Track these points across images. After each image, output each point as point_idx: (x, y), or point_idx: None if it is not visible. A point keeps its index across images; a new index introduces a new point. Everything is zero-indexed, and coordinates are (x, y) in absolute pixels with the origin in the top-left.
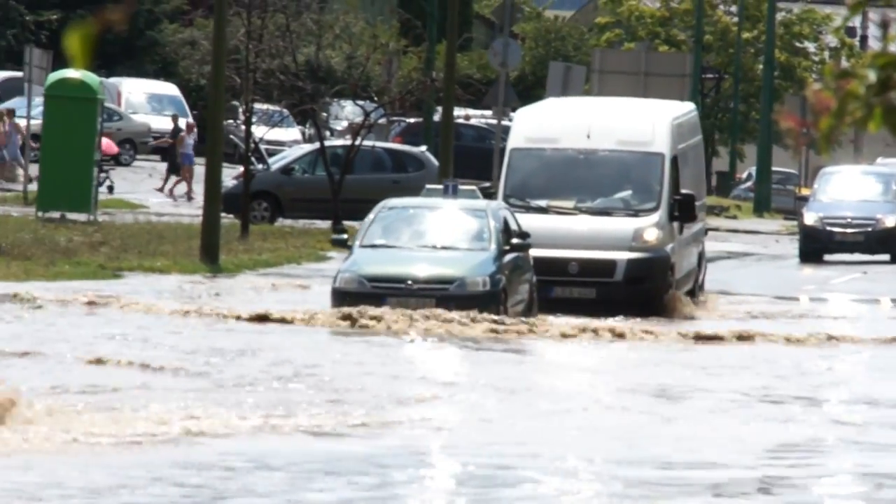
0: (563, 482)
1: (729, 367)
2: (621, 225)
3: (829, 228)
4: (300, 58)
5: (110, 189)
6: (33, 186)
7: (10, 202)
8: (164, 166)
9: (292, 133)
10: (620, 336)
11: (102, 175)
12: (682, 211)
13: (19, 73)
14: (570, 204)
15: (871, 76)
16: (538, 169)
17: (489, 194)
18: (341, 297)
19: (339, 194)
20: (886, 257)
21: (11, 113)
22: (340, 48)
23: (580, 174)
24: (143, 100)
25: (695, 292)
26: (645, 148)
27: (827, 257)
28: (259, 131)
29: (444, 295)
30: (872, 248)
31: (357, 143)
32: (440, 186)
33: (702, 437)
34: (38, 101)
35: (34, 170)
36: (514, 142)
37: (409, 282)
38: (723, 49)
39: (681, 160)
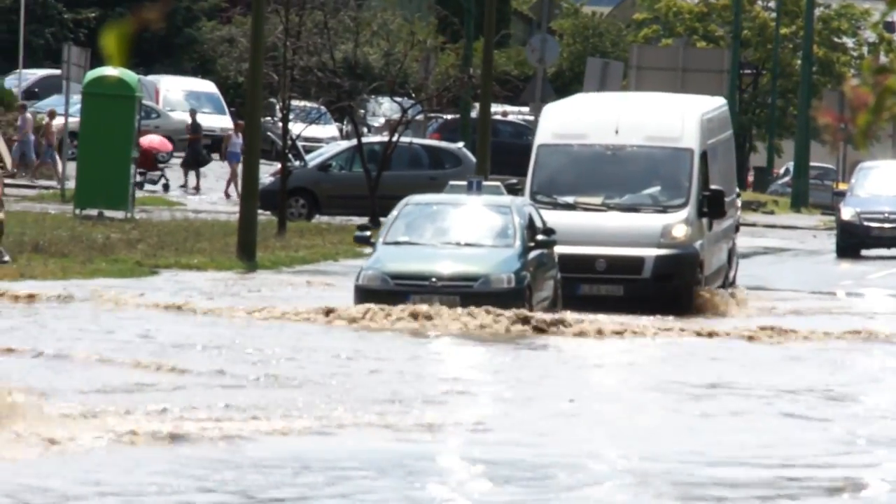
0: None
1: (773, 364)
2: (649, 221)
3: (866, 223)
4: (338, 55)
5: (165, 187)
6: (71, 184)
7: (47, 199)
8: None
9: (330, 130)
10: (655, 333)
11: (157, 173)
12: (712, 207)
13: (57, 71)
14: (597, 200)
15: None
16: (566, 165)
17: (515, 191)
18: (364, 294)
19: (376, 191)
20: None
21: (53, 114)
22: (378, 45)
23: (608, 170)
24: (182, 97)
25: (725, 289)
26: (674, 143)
27: (864, 252)
28: (296, 128)
29: (469, 292)
30: None
31: (394, 139)
32: (464, 183)
33: (773, 431)
34: (77, 98)
35: (72, 167)
36: (541, 138)
37: (434, 279)
38: (761, 44)
39: (710, 156)
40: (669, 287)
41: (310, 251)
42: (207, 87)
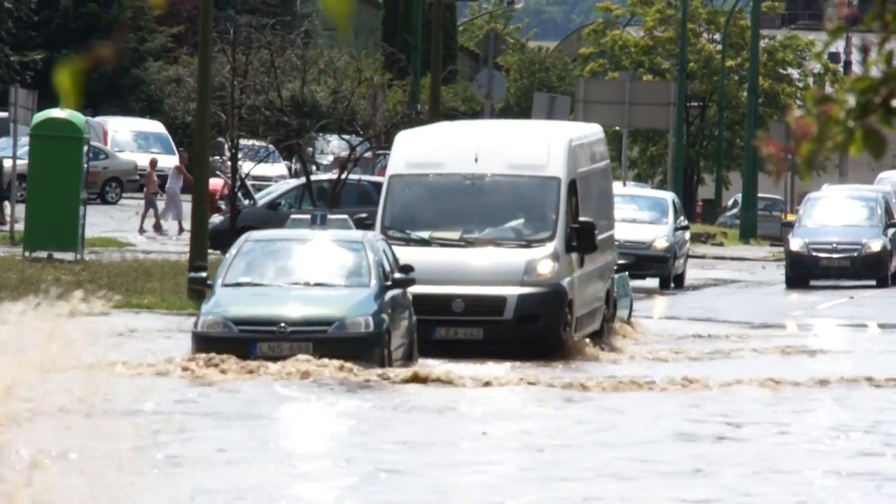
0: None
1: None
2: (512, 257)
3: (814, 254)
4: (285, 93)
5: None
6: (20, 226)
7: None
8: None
9: (278, 168)
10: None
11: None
12: (581, 241)
13: (4, 114)
14: (455, 235)
15: (851, 101)
16: (420, 197)
17: (365, 225)
18: (204, 342)
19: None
20: (873, 282)
21: None
22: (325, 83)
23: (467, 202)
24: (130, 138)
25: (602, 333)
26: (539, 172)
27: (813, 283)
28: (245, 167)
29: (323, 338)
30: (858, 274)
31: (343, 176)
32: (307, 216)
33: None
34: (24, 140)
35: (21, 209)
36: (393, 168)
37: (282, 324)
38: (707, 77)
39: (582, 186)
40: (534, 329)
41: None
42: (155, 127)
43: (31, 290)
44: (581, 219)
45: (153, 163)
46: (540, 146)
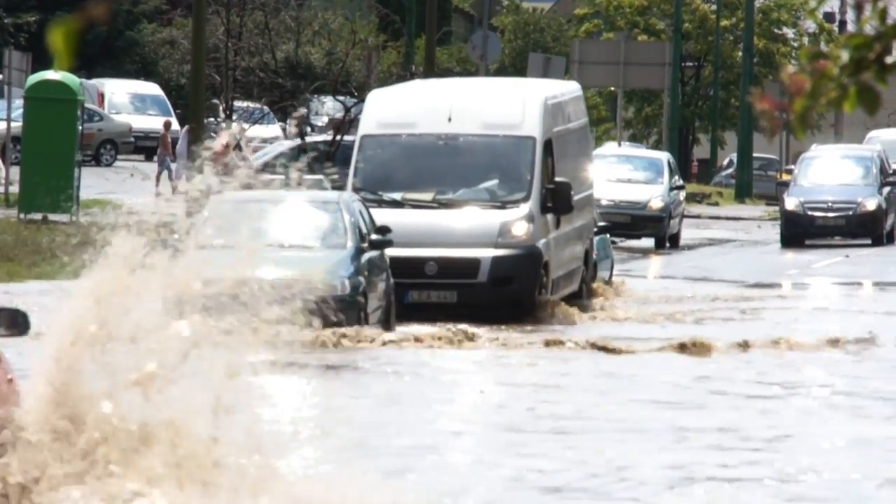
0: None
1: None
2: (486, 218)
3: (810, 213)
4: (279, 55)
5: None
6: (15, 188)
7: None
8: (145, 167)
9: (273, 130)
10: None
11: None
12: (557, 201)
13: None
14: (428, 196)
15: (845, 57)
16: (392, 158)
17: (336, 187)
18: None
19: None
20: (868, 241)
21: None
22: (319, 44)
23: (440, 162)
24: (127, 100)
25: (582, 294)
26: (513, 131)
27: (809, 242)
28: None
29: None
30: (854, 232)
31: (338, 138)
32: (280, 177)
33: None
34: (18, 103)
35: (15, 172)
36: (365, 128)
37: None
38: (702, 37)
39: (558, 145)
40: (508, 291)
41: None
42: (152, 89)
43: (27, 252)
44: (556, 179)
45: (167, 125)
46: (514, 105)
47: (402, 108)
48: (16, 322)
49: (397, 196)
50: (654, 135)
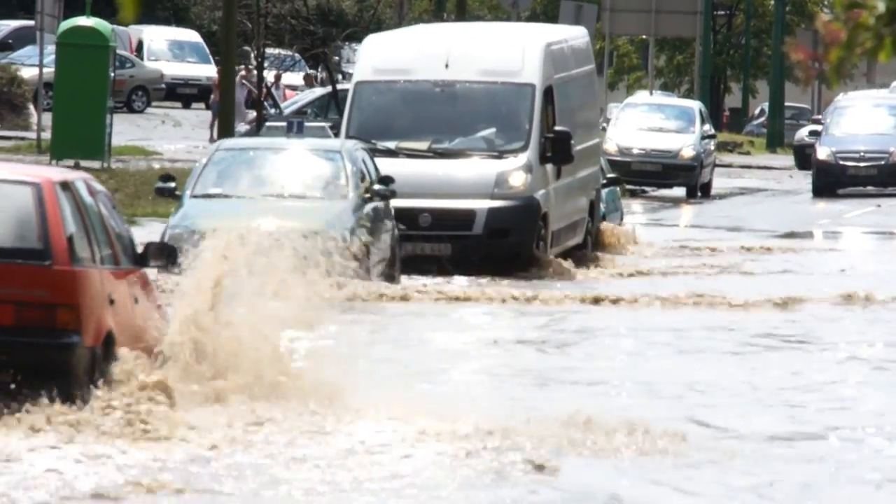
0: None
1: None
2: (482, 168)
3: (841, 163)
4: (311, 1)
5: None
6: (46, 135)
7: (24, 151)
8: (177, 113)
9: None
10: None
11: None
12: (556, 151)
13: (31, 22)
14: (423, 145)
15: (881, 6)
16: (387, 105)
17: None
18: None
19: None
20: None
21: None
22: None
23: (436, 110)
24: (165, 47)
25: (586, 245)
26: (512, 78)
27: (840, 191)
28: (271, 76)
29: None
30: (885, 182)
31: None
32: (283, 124)
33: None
34: (50, 49)
35: (47, 118)
36: (360, 74)
37: None
38: None
39: (560, 92)
40: (505, 244)
41: None
42: (191, 36)
43: None
44: (556, 128)
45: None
46: (514, 51)
47: (399, 53)
48: (165, 255)
49: (391, 145)
50: (685, 83)
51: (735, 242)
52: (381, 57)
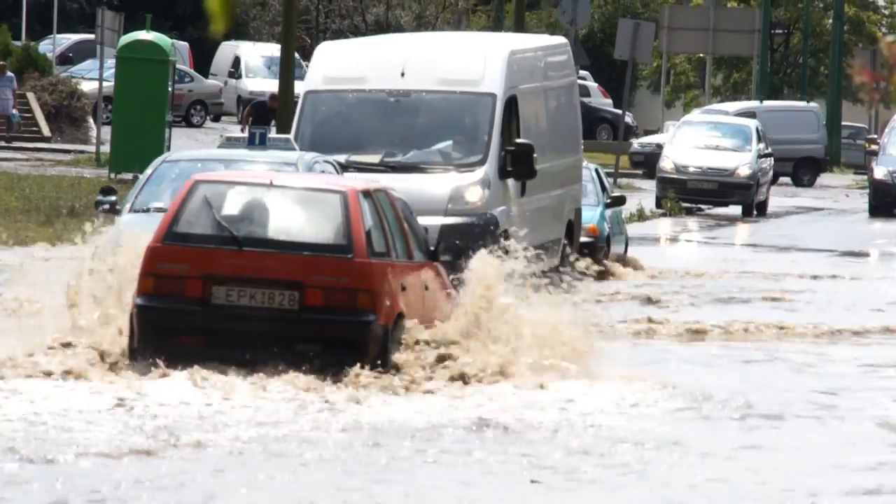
0: None
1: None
2: (437, 183)
3: None
4: (370, 17)
5: None
6: (106, 148)
7: (83, 164)
8: (236, 129)
9: None
10: None
11: None
12: (517, 165)
13: (91, 36)
14: (374, 159)
15: None
16: (338, 116)
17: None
18: None
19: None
20: None
21: (3, 68)
22: (410, 7)
23: (390, 122)
24: (261, 63)
25: (563, 263)
26: (472, 87)
27: None
28: None
29: None
30: None
31: None
32: (244, 135)
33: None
34: (110, 63)
35: (106, 132)
36: (309, 83)
37: None
38: (792, 3)
39: (527, 104)
40: (459, 263)
41: None
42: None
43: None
44: (517, 140)
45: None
46: (475, 59)
47: (352, 62)
48: (452, 252)
49: (342, 158)
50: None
51: (758, 266)
52: (333, 65)
